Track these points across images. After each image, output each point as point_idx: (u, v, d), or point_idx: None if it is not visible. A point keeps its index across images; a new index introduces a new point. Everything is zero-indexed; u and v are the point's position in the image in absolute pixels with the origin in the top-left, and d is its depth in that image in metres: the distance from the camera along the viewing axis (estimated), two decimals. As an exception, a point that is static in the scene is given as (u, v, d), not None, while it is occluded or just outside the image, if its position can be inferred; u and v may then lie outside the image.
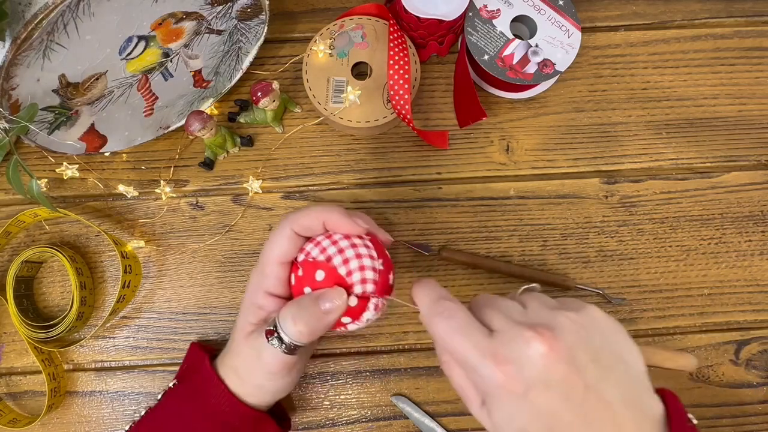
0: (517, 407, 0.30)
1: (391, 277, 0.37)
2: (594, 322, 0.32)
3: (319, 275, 0.35)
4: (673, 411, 0.31)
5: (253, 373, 0.38)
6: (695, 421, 0.32)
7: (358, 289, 0.35)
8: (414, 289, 0.35)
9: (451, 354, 0.33)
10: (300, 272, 0.36)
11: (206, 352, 0.43)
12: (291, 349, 0.36)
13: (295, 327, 0.34)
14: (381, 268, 0.36)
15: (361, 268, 0.35)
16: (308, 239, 0.38)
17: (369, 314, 0.36)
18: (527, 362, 0.30)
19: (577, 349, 0.30)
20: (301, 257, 0.37)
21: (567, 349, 0.30)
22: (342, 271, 0.35)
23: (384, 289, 0.37)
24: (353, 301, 0.35)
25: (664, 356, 0.39)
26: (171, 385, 0.41)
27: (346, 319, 0.36)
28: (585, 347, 0.30)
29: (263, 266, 0.37)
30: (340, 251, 0.35)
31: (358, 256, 0.35)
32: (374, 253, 0.36)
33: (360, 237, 0.37)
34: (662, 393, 0.33)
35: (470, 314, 0.33)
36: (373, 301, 0.36)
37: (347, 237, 0.36)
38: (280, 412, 0.45)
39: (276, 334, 0.35)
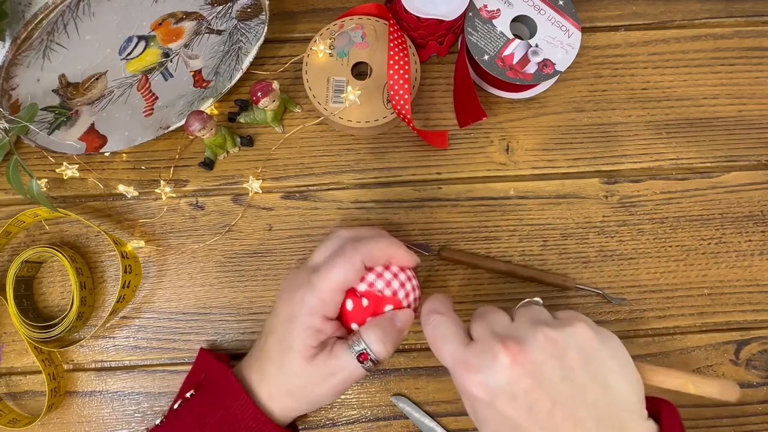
0: (487, 413, 0.32)
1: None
2: (576, 340, 0.32)
3: (388, 308, 0.38)
4: (666, 424, 0.31)
5: (315, 393, 0.38)
6: None
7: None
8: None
9: (439, 360, 0.35)
10: (365, 302, 0.38)
11: (223, 362, 0.42)
12: (373, 365, 0.38)
13: (385, 348, 0.37)
14: (419, 295, 0.41)
15: (416, 300, 0.40)
16: (368, 269, 0.39)
17: None
18: (492, 373, 0.31)
19: (546, 366, 0.31)
20: (363, 287, 0.38)
21: (533, 364, 0.31)
22: (405, 304, 0.39)
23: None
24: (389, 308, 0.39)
25: (687, 380, 0.36)
26: (188, 395, 0.40)
27: None
28: (556, 365, 0.31)
29: (324, 292, 0.37)
30: (402, 285, 0.39)
31: (413, 289, 0.40)
32: (416, 283, 0.40)
33: (410, 268, 0.40)
34: (659, 406, 0.33)
35: (457, 325, 0.35)
36: None
37: (403, 270, 0.39)
38: (291, 423, 0.45)
39: (370, 358, 0.37)
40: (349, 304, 0.38)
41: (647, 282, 0.50)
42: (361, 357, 0.37)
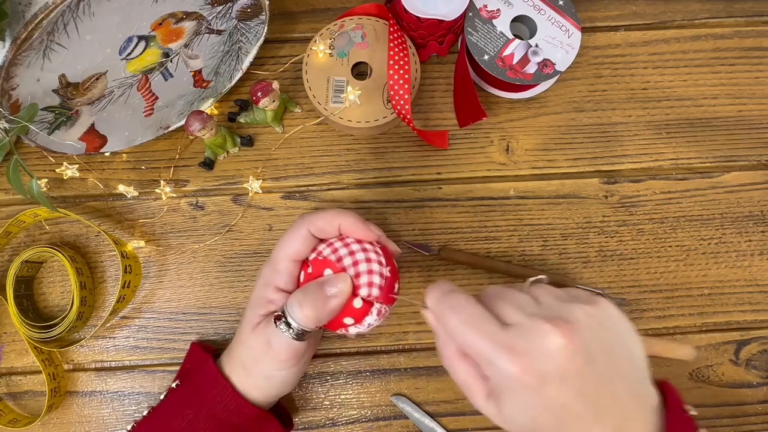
0: (531, 400, 0.30)
1: (396, 285, 0.39)
2: (607, 316, 0.32)
3: (328, 273, 0.37)
4: (670, 400, 0.32)
5: (261, 364, 0.38)
6: (694, 412, 0.32)
7: (363, 292, 0.36)
8: (427, 290, 0.35)
9: (463, 346, 0.32)
10: (310, 269, 0.38)
11: (208, 351, 0.43)
12: (299, 335, 0.36)
13: (302, 311, 0.35)
14: (388, 275, 0.37)
15: (369, 272, 0.36)
16: (321, 240, 0.39)
17: (371, 318, 0.37)
18: (545, 355, 0.29)
19: (593, 342, 0.30)
20: (312, 256, 0.38)
21: (583, 343, 0.30)
22: (351, 272, 0.36)
23: (388, 295, 0.37)
24: (358, 303, 0.36)
25: (664, 347, 0.39)
26: (173, 385, 0.41)
27: (348, 320, 0.37)
28: (600, 341, 0.31)
29: (275, 262, 0.38)
30: (351, 253, 0.37)
31: (368, 260, 0.37)
32: (383, 260, 0.38)
33: (371, 243, 0.38)
34: (661, 384, 0.33)
35: (481, 306, 0.32)
36: (376, 305, 0.37)
37: (359, 242, 0.38)
38: (283, 412, 0.45)
39: (284, 319, 0.36)
40: (302, 276, 0.39)
41: (647, 282, 0.50)
42: (276, 318, 0.37)
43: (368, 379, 0.49)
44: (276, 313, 0.37)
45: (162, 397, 0.41)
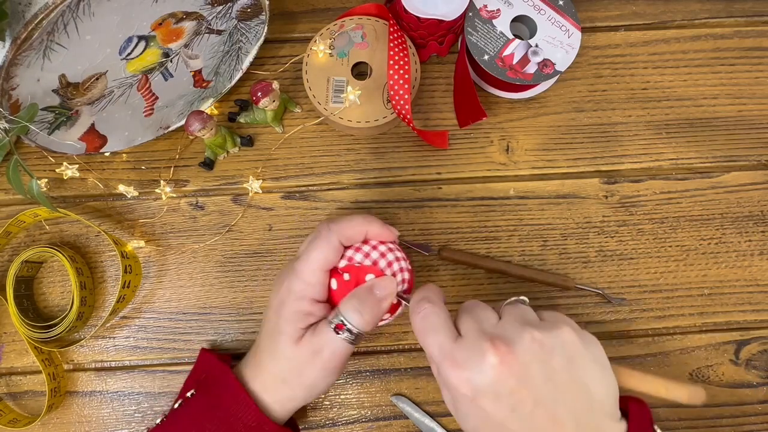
0: (470, 409, 0.32)
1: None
2: (560, 343, 0.33)
3: (369, 277, 0.38)
4: (632, 427, 0.32)
5: (307, 375, 0.38)
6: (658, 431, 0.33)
7: (399, 288, 0.39)
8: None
9: (424, 350, 0.35)
10: (346, 277, 0.38)
11: (224, 361, 0.42)
12: (356, 339, 0.38)
13: (362, 318, 0.37)
14: (410, 268, 0.41)
15: (401, 270, 0.39)
16: (347, 247, 0.39)
17: (400, 310, 0.40)
18: (479, 371, 0.32)
19: (531, 367, 0.32)
20: (343, 263, 0.39)
21: (519, 365, 0.31)
22: (388, 272, 0.39)
23: (412, 288, 0.41)
24: (393, 300, 0.39)
25: (659, 386, 0.37)
26: (189, 394, 0.40)
27: (385, 316, 0.40)
28: (541, 366, 0.32)
29: (306, 275, 0.38)
30: (383, 255, 0.39)
31: (398, 259, 0.39)
32: (404, 256, 0.40)
33: (392, 242, 0.40)
34: (627, 405, 0.34)
35: (447, 318, 0.35)
36: (403, 302, 0.39)
37: (382, 243, 0.39)
38: (291, 420, 0.45)
39: (346, 327, 0.37)
40: (334, 284, 0.39)
41: (647, 282, 0.50)
42: (338, 327, 0.37)
43: (368, 379, 0.49)
44: (335, 323, 0.37)
45: (176, 405, 0.40)
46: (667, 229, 0.51)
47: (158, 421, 0.40)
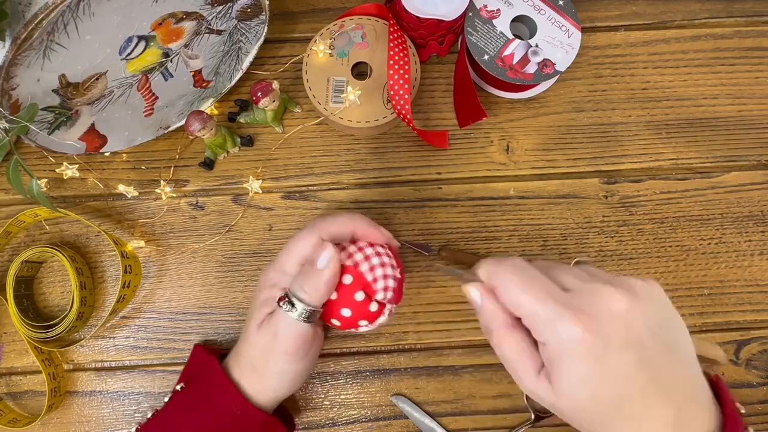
0: (592, 368, 0.28)
1: (403, 285, 0.40)
2: (659, 294, 0.31)
3: (347, 279, 0.37)
4: (723, 394, 0.31)
5: (271, 360, 0.38)
6: (743, 410, 0.32)
7: (380, 296, 0.38)
8: (478, 264, 0.33)
9: (521, 311, 0.30)
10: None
11: (212, 354, 0.42)
12: (307, 316, 0.36)
13: (305, 292, 0.36)
14: (399, 276, 0.39)
15: (385, 277, 0.38)
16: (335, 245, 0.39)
17: (383, 319, 0.39)
18: (609, 318, 0.28)
19: (650, 311, 0.30)
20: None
21: (645, 310, 0.29)
22: (368, 277, 0.37)
23: (399, 296, 0.39)
24: (374, 306, 0.38)
25: (699, 344, 0.38)
26: (178, 387, 0.41)
27: (363, 323, 0.38)
28: (657, 315, 0.30)
29: (283, 265, 0.38)
30: (367, 258, 0.37)
31: (383, 264, 0.38)
32: (394, 263, 0.39)
33: (382, 246, 0.39)
34: (710, 377, 0.33)
35: (539, 271, 0.31)
36: (388, 306, 0.38)
37: (371, 245, 0.38)
38: (285, 414, 0.45)
39: (287, 299, 0.36)
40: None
41: (647, 282, 0.50)
42: (280, 300, 0.37)
43: (368, 379, 0.49)
44: (279, 296, 0.37)
45: (166, 399, 0.41)
46: (667, 229, 0.51)
47: (149, 415, 0.41)
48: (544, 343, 0.30)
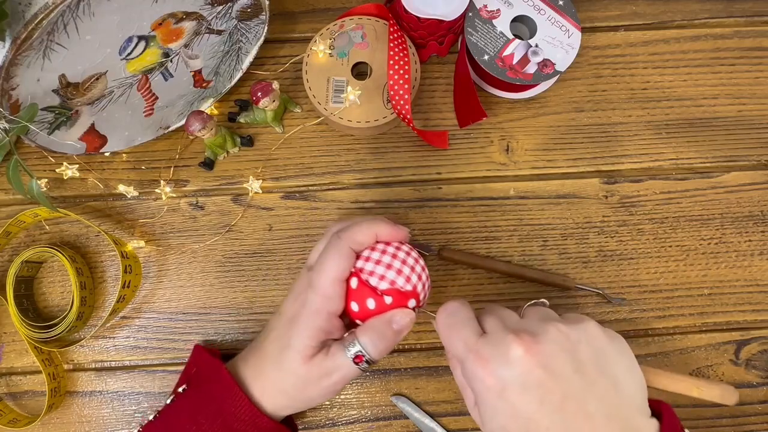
0: (497, 405, 0.32)
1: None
2: (587, 336, 0.33)
3: (382, 286, 0.37)
4: (665, 426, 0.32)
5: (310, 391, 0.38)
6: None
7: (423, 299, 0.39)
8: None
9: (447, 349, 0.36)
10: (354, 284, 0.37)
11: (217, 356, 0.42)
12: (367, 367, 0.38)
13: (378, 350, 0.37)
14: (426, 278, 0.39)
15: (419, 278, 0.38)
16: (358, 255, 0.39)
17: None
18: (505, 362, 0.31)
19: (558, 358, 0.31)
20: (361, 267, 0.38)
21: (546, 356, 0.31)
22: (408, 287, 0.37)
23: (429, 293, 0.40)
24: (412, 303, 0.38)
25: (689, 384, 0.37)
26: (180, 389, 0.41)
27: None
28: (568, 358, 0.32)
29: (323, 288, 0.37)
30: (404, 263, 0.38)
31: (420, 270, 0.38)
32: (422, 264, 0.39)
33: (409, 247, 0.39)
34: (659, 408, 0.33)
35: (472, 317, 0.35)
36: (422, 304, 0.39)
37: (397, 248, 0.38)
38: (289, 419, 0.45)
39: (365, 359, 0.37)
40: (354, 282, 0.38)
41: (647, 282, 0.50)
42: (357, 359, 0.37)
43: (368, 379, 0.49)
44: (355, 353, 0.37)
45: (168, 400, 0.40)
46: (667, 229, 0.51)
47: (151, 417, 0.40)
48: (467, 380, 0.34)
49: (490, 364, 0.32)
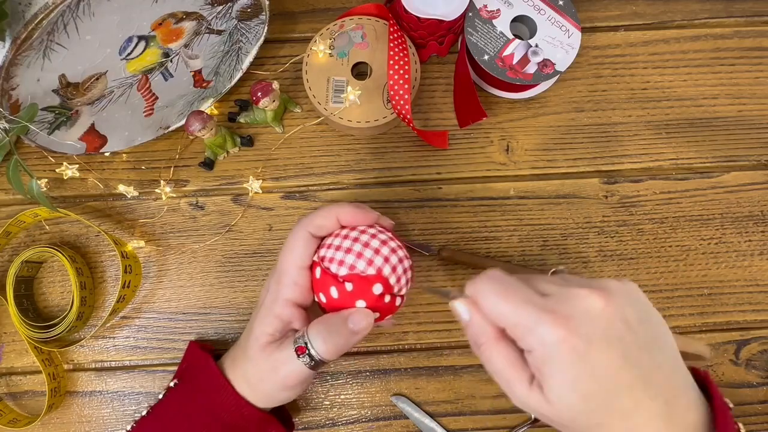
0: (579, 368, 0.29)
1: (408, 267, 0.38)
2: (636, 291, 0.32)
3: (376, 289, 0.35)
4: (711, 387, 0.31)
5: (265, 384, 0.38)
6: (731, 405, 0.32)
7: (403, 291, 0.37)
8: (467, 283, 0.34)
9: (502, 320, 0.31)
10: (318, 274, 0.36)
11: (208, 351, 0.43)
12: (317, 365, 0.36)
13: (326, 346, 0.35)
14: (410, 262, 0.37)
15: (385, 260, 0.35)
16: (325, 237, 0.38)
17: (400, 307, 0.38)
18: (588, 317, 0.29)
19: (628, 310, 0.30)
20: (323, 255, 0.36)
21: (621, 308, 0.30)
22: (386, 273, 0.35)
23: (412, 282, 0.38)
24: (398, 301, 0.37)
25: (682, 341, 0.38)
26: (172, 384, 0.41)
27: (389, 317, 0.38)
28: (635, 312, 0.30)
29: (281, 274, 0.37)
30: (366, 245, 0.36)
31: (399, 259, 0.36)
32: (399, 245, 0.37)
33: (382, 230, 0.37)
34: (696, 371, 0.33)
35: (517, 279, 0.32)
36: (401, 294, 0.38)
37: (362, 231, 0.36)
38: (283, 412, 0.45)
39: (307, 352, 0.35)
40: (318, 273, 0.37)
41: (647, 282, 0.50)
42: (299, 350, 0.36)
43: (368, 379, 0.49)
44: (298, 344, 0.36)
45: (161, 396, 0.41)
46: (667, 229, 0.51)
47: (144, 412, 0.40)
48: (529, 351, 0.30)
49: (572, 321, 0.29)
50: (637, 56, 0.54)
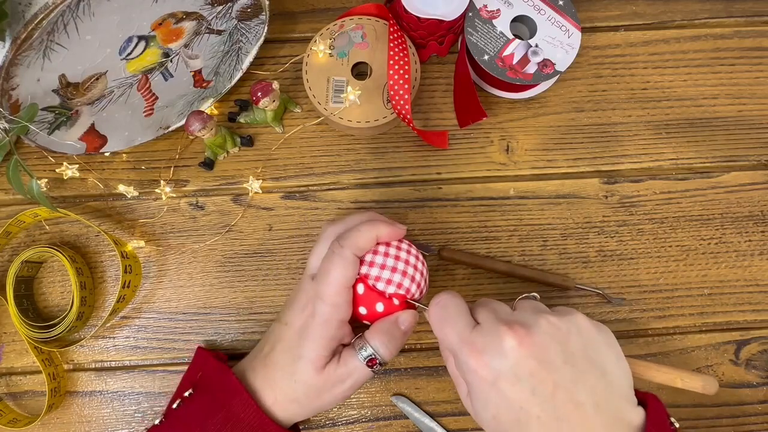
0: (490, 395, 0.32)
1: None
2: (576, 328, 0.34)
3: (390, 289, 0.38)
4: (651, 417, 0.32)
5: (324, 398, 0.38)
6: (677, 425, 0.33)
7: (417, 296, 0.40)
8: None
9: (441, 342, 0.36)
10: (361, 290, 0.38)
11: (222, 361, 0.42)
12: (382, 368, 0.39)
13: (389, 351, 0.38)
14: (426, 272, 0.41)
15: (418, 284, 0.39)
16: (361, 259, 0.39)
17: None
18: (498, 354, 0.32)
19: (549, 349, 0.32)
20: (366, 273, 0.38)
21: (538, 347, 0.32)
22: (407, 284, 0.39)
23: (427, 288, 0.41)
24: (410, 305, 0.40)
25: (673, 376, 0.39)
26: (186, 394, 0.40)
27: None
28: (559, 349, 0.32)
29: (332, 296, 0.37)
30: (407, 263, 0.39)
31: (415, 267, 0.39)
32: (422, 260, 0.40)
33: (409, 245, 0.40)
34: (645, 398, 0.34)
35: (465, 309, 0.36)
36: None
37: (398, 248, 0.39)
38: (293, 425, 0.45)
39: (378, 362, 0.38)
40: (360, 288, 0.38)
41: (647, 282, 0.50)
42: (370, 362, 0.38)
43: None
44: (368, 357, 0.38)
45: (174, 405, 0.40)
46: (667, 229, 0.51)
47: (156, 421, 0.40)
48: (460, 372, 0.35)
49: (484, 356, 0.32)
50: (637, 56, 0.54)
